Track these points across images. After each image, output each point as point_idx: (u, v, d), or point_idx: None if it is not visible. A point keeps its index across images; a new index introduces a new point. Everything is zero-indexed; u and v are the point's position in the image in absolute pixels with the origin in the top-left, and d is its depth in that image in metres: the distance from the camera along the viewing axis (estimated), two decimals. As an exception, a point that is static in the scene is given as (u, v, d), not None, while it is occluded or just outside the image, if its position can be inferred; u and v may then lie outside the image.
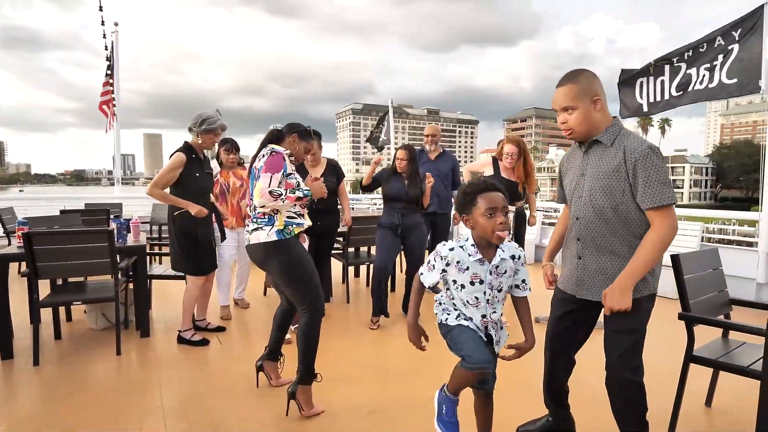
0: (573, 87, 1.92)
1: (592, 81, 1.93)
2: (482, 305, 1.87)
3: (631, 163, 1.84)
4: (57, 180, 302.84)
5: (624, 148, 1.87)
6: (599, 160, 1.94)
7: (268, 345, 2.93)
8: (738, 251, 5.38)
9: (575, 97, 1.91)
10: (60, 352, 3.53)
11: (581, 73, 1.94)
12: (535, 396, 2.52)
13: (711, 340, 2.56)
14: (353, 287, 5.68)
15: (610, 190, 1.90)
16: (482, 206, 1.79)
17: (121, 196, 9.28)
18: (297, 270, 2.62)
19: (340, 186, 4.48)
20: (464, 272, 1.84)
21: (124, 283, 3.98)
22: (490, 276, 1.84)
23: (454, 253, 1.84)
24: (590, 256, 2.00)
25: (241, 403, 2.73)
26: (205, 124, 3.56)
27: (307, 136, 2.90)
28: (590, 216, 1.97)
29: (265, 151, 2.68)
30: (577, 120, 1.93)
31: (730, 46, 4.90)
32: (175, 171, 3.51)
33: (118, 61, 8.80)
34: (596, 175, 1.94)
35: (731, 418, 2.59)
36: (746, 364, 2.20)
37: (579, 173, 2.04)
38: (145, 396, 2.82)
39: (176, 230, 3.60)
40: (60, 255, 3.27)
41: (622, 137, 1.91)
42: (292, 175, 2.70)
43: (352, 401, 2.77)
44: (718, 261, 2.65)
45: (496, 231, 1.77)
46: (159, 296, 5.01)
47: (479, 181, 1.84)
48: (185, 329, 3.70)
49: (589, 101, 1.91)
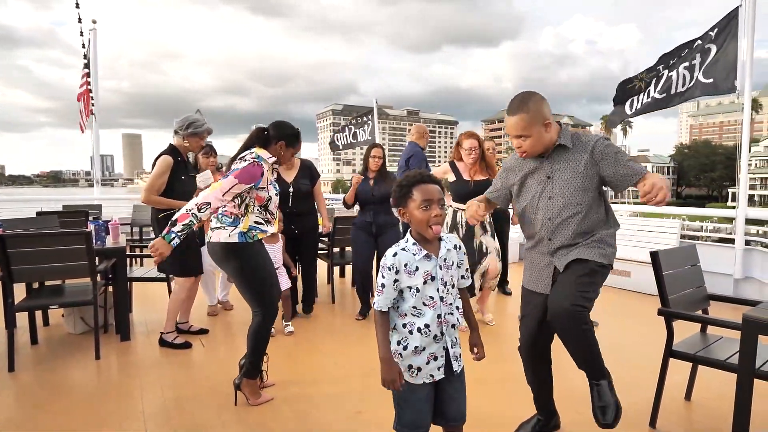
0: (524, 117, 2.01)
1: (541, 106, 2.02)
2: (437, 304, 1.76)
3: (598, 156, 1.99)
4: (32, 181, 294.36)
5: (585, 146, 2.03)
6: (567, 162, 2.06)
7: (243, 359, 2.78)
8: (715, 248, 5.50)
9: (527, 127, 2.01)
10: (37, 357, 3.45)
11: (530, 99, 2.02)
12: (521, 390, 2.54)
13: (690, 335, 2.60)
14: (338, 287, 5.66)
15: (585, 187, 2.03)
16: (417, 198, 1.73)
17: (101, 197, 9.11)
18: (253, 274, 2.66)
19: (316, 187, 4.41)
20: (414, 274, 1.74)
21: (103, 286, 3.91)
22: (441, 271, 1.77)
23: (399, 258, 1.74)
24: (564, 250, 2.08)
25: (224, 407, 2.69)
26: (191, 127, 3.55)
27: (295, 141, 2.86)
28: (566, 214, 2.05)
29: (249, 156, 2.63)
30: (530, 145, 2.05)
31: (706, 46, 5.01)
32: (165, 175, 3.50)
33: (96, 60, 8.63)
34: (570, 177, 2.05)
35: (710, 411, 2.64)
36: (723, 358, 2.24)
37: (543, 176, 2.10)
38: (126, 401, 2.77)
39: (161, 232, 3.55)
40: (36, 258, 3.19)
41: (576, 137, 2.07)
42: (265, 190, 2.68)
43: (338, 401, 2.76)
44: (696, 257, 2.70)
45: (431, 224, 1.72)
46: (140, 299, 4.92)
47: (415, 173, 1.79)
48: (168, 331, 3.66)
49: (540, 126, 2.01)
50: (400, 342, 1.76)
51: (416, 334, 1.74)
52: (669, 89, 5.34)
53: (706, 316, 2.58)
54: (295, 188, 4.23)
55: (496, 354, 3.53)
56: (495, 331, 4.05)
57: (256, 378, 2.75)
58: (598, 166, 2.00)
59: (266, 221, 2.72)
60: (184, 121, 3.57)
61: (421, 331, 1.74)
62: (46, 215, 5.33)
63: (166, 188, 3.52)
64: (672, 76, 5.30)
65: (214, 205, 2.49)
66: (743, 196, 5.14)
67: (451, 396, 1.80)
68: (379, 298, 1.76)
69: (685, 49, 5.23)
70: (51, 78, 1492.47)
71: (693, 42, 5.17)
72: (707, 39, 5.02)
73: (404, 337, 1.76)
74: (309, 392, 2.88)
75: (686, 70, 5.19)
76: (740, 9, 4.86)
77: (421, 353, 1.75)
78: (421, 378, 1.75)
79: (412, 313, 1.76)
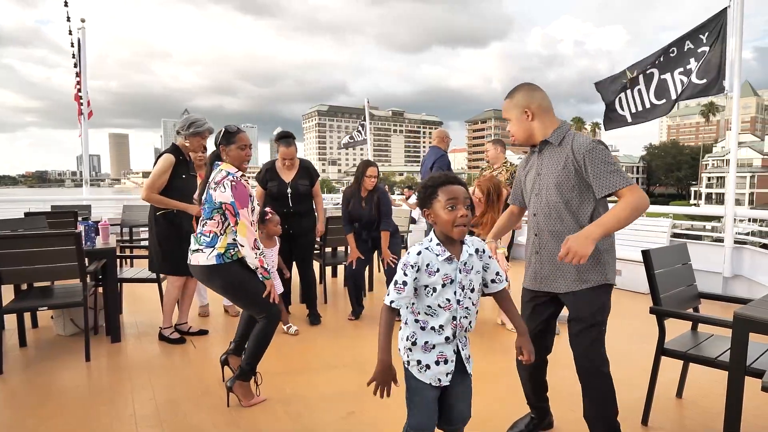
0: (507, 102, 2.19)
1: (526, 95, 2.14)
2: (453, 306, 1.74)
3: (580, 159, 2.00)
4: (17, 182, 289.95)
5: (571, 146, 2.04)
6: (550, 158, 2.11)
7: (233, 340, 2.92)
8: (705, 246, 5.55)
9: (507, 110, 2.19)
10: (26, 359, 3.40)
11: (520, 88, 2.17)
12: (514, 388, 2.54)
13: (681, 332, 2.62)
14: (331, 287, 5.65)
15: (560, 185, 2.05)
16: (443, 199, 1.70)
17: (90, 197, 9.01)
18: (238, 290, 2.69)
19: (315, 188, 4.38)
20: (435, 275, 1.71)
21: (93, 287, 3.87)
22: (460, 274, 1.74)
23: (423, 257, 1.71)
24: (545, 249, 2.13)
25: (216, 409, 2.67)
26: (192, 127, 3.57)
27: (229, 137, 2.69)
28: (545, 211, 2.11)
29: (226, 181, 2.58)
30: (513, 128, 2.19)
31: (700, 49, 5.05)
32: (167, 173, 3.51)
33: (85, 59, 8.54)
34: (549, 173, 2.10)
35: (701, 408, 2.66)
36: (714, 355, 2.26)
37: (536, 173, 2.18)
38: (116, 403, 2.74)
39: (158, 230, 3.61)
40: (24, 259, 3.15)
41: (569, 137, 2.08)
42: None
43: (332, 402, 2.75)
44: (687, 256, 2.72)
45: (457, 224, 1.69)
46: (131, 300, 4.88)
47: (440, 174, 1.78)
48: (166, 327, 3.72)
49: (520, 113, 2.14)
50: (410, 337, 1.75)
51: (429, 331, 1.74)
52: (668, 95, 5.34)
53: (698, 314, 2.59)
54: (294, 189, 4.20)
55: (489, 350, 3.54)
56: (487, 328, 4.06)
57: (250, 380, 2.74)
58: (580, 169, 2.00)
59: None
60: (186, 121, 3.60)
61: (435, 330, 1.73)
62: (34, 216, 5.27)
63: (165, 186, 3.53)
64: (666, 79, 5.32)
65: (254, 235, 2.62)
66: (731, 195, 5.18)
67: (459, 398, 1.79)
68: (396, 295, 1.70)
69: (673, 48, 5.25)
70: (36, 77, 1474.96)
71: (682, 43, 5.19)
72: (700, 42, 5.05)
73: (414, 332, 1.75)
74: (302, 393, 2.86)
75: (683, 75, 5.21)
76: (728, 10, 4.91)
77: (431, 351, 1.73)
78: (428, 377, 1.73)
79: (426, 312, 1.74)
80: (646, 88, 5.47)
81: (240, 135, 2.70)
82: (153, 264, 3.74)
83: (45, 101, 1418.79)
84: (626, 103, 5.66)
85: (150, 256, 3.77)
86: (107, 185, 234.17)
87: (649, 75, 5.43)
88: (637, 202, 1.89)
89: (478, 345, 3.63)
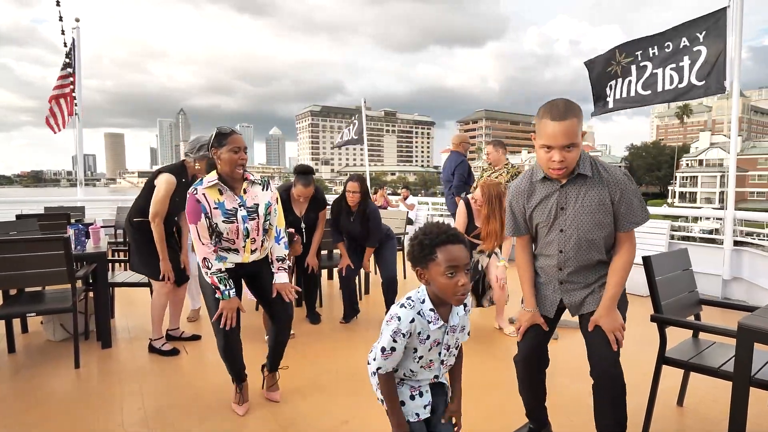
0: (575, 122, 1.76)
1: (580, 112, 1.82)
2: (435, 365, 1.66)
3: (616, 195, 1.88)
4: (13, 182, 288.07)
5: (606, 182, 1.88)
6: (583, 194, 1.90)
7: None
8: (704, 248, 5.50)
9: (578, 134, 1.78)
10: (14, 366, 3.34)
11: (574, 104, 1.80)
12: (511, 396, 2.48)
13: (682, 339, 2.57)
14: (326, 290, 5.58)
15: (600, 223, 1.92)
16: (442, 263, 1.50)
17: (85, 198, 8.95)
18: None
19: (321, 213, 4.28)
20: (425, 342, 1.59)
21: (84, 292, 3.80)
22: (447, 336, 1.63)
23: (415, 324, 1.56)
24: (575, 279, 2.04)
25: (206, 417, 2.61)
26: (203, 150, 3.39)
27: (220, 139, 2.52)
28: (578, 247, 1.97)
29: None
30: (574, 158, 1.82)
31: (695, 48, 5.00)
32: (168, 197, 3.37)
33: (79, 58, 8.46)
34: (584, 211, 1.91)
35: (702, 417, 2.61)
36: (717, 364, 2.20)
37: (555, 206, 1.96)
38: (105, 411, 2.67)
39: (137, 234, 3.50)
40: (12, 264, 3.08)
41: (596, 167, 1.91)
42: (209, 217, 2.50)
43: (325, 410, 2.68)
44: (688, 261, 2.67)
45: (458, 293, 1.51)
46: (123, 304, 4.82)
47: (438, 229, 1.55)
48: (156, 338, 3.58)
49: (581, 136, 1.83)
50: None
51: (404, 387, 1.67)
52: (654, 87, 5.32)
53: (701, 323, 2.54)
54: (306, 222, 4.18)
55: (486, 359, 3.48)
56: (485, 333, 4.01)
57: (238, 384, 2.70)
58: (613, 204, 1.89)
59: (227, 250, 2.59)
60: (195, 143, 3.43)
61: (412, 387, 1.67)
62: (26, 218, 5.20)
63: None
64: (657, 73, 5.29)
65: (204, 254, 2.47)
66: (731, 196, 5.14)
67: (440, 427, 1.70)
68: (384, 362, 1.58)
69: (668, 42, 5.20)
70: (32, 76, 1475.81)
71: (679, 38, 5.13)
72: (696, 41, 5.01)
73: None
74: (294, 401, 2.80)
75: (674, 71, 5.17)
76: (728, 9, 4.86)
77: (404, 385, 1.68)
78: (405, 414, 1.65)
79: (406, 374, 1.66)
80: (636, 79, 5.45)
81: (233, 137, 2.52)
82: (133, 265, 3.65)
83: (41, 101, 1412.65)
84: (613, 91, 5.65)
85: (130, 257, 3.69)
86: (103, 185, 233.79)
87: (642, 68, 5.40)
88: (633, 255, 1.97)
89: (475, 352, 3.57)
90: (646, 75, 5.37)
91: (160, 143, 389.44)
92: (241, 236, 2.56)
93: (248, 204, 2.58)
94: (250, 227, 2.58)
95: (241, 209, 2.55)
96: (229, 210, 2.51)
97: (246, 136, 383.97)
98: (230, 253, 2.60)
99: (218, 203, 2.49)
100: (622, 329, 1.94)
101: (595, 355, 1.97)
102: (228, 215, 2.51)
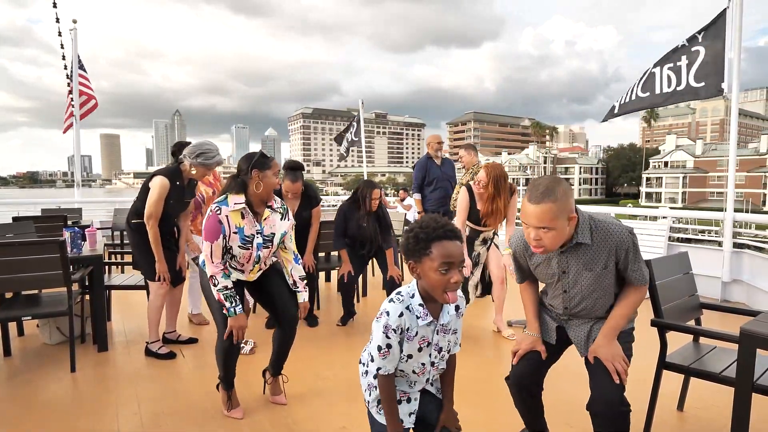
0: (552, 207, 1.71)
1: (568, 195, 1.75)
2: (427, 369, 1.61)
3: (621, 255, 1.85)
4: (8, 182, 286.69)
5: (609, 246, 1.83)
6: (583, 261, 1.87)
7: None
8: (703, 250, 5.49)
9: (553, 219, 1.72)
10: (9, 370, 3.31)
11: (557, 186, 1.74)
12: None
13: (683, 343, 2.55)
14: (324, 292, 5.56)
15: (603, 285, 1.91)
16: (436, 258, 1.46)
17: (82, 200, 8.90)
18: (206, 296, 2.62)
19: (314, 210, 4.25)
20: (413, 339, 1.55)
21: (80, 295, 3.77)
22: (437, 336, 1.58)
23: (404, 319, 1.53)
24: (581, 324, 2.04)
25: (203, 423, 2.58)
26: (201, 157, 3.41)
27: (265, 162, 2.53)
28: (582, 303, 1.97)
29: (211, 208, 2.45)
30: (552, 240, 1.77)
31: (693, 48, 5.01)
32: (162, 200, 3.36)
33: (76, 59, 8.43)
34: (587, 276, 1.89)
35: (703, 422, 2.59)
36: (718, 370, 2.19)
37: (557, 269, 1.94)
38: (101, 416, 2.64)
39: (135, 235, 3.48)
40: (7, 268, 3.05)
41: (596, 231, 1.84)
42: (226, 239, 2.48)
43: (322, 416, 2.66)
44: (689, 265, 2.65)
45: (449, 290, 1.48)
46: (120, 307, 4.78)
47: (436, 223, 1.50)
48: (152, 341, 3.56)
49: (565, 220, 1.75)
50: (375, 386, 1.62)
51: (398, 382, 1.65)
52: (653, 89, 5.34)
53: (703, 328, 2.51)
54: (298, 220, 4.13)
55: (485, 360, 3.46)
56: (483, 335, 3.99)
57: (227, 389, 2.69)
58: (618, 263, 1.88)
59: (233, 268, 2.60)
60: (196, 148, 3.43)
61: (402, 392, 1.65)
62: (22, 220, 5.16)
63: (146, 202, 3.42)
64: (655, 73, 5.30)
65: (214, 271, 2.44)
66: (731, 198, 5.13)
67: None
68: (383, 362, 1.54)
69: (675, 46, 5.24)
70: (27, 77, 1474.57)
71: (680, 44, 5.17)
72: (695, 41, 5.01)
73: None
74: (291, 406, 2.77)
75: (671, 71, 5.18)
76: (727, 10, 4.86)
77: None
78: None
79: (398, 375, 1.62)
80: (638, 81, 5.49)
81: (274, 161, 2.57)
82: (135, 265, 3.65)
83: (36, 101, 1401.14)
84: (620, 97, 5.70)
85: (134, 258, 3.69)
86: (98, 186, 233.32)
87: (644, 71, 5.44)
88: (641, 299, 1.96)
89: (472, 354, 3.56)
90: (646, 76, 5.39)
91: (156, 144, 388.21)
92: (252, 261, 2.59)
93: (265, 232, 2.58)
94: (263, 255, 2.60)
95: (258, 236, 2.55)
96: (247, 236, 2.51)
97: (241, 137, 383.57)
98: (236, 272, 2.62)
99: (239, 228, 2.48)
100: (623, 360, 1.85)
101: (598, 388, 1.84)
102: (245, 241, 2.51)
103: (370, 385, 1.64)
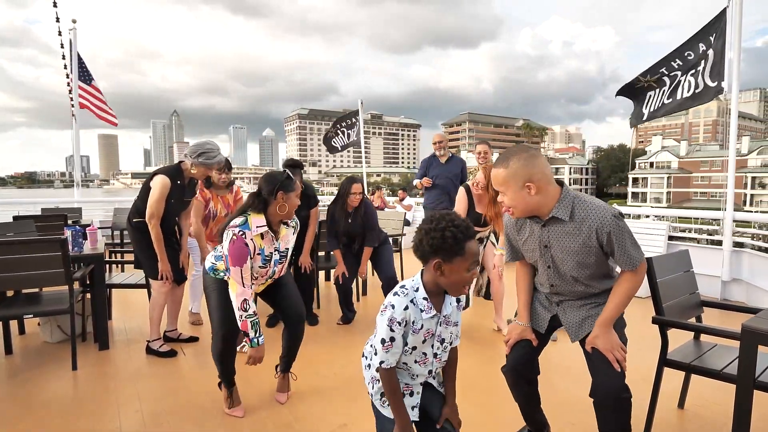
0: (501, 172, 1.86)
1: (525, 165, 1.82)
2: (429, 360, 1.64)
3: (604, 238, 1.83)
4: (6, 182, 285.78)
5: (588, 225, 1.83)
6: (562, 236, 1.90)
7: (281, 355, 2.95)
8: (703, 249, 5.49)
9: (504, 182, 1.87)
10: (10, 368, 3.31)
11: (514, 156, 1.85)
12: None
13: (684, 341, 2.56)
14: (324, 291, 5.56)
15: (583, 264, 1.91)
16: (469, 257, 1.50)
17: (82, 200, 8.89)
18: (208, 298, 2.63)
19: (312, 211, 4.25)
20: (418, 332, 1.57)
21: (81, 294, 3.77)
22: (440, 327, 1.62)
23: (409, 312, 1.55)
24: (571, 308, 2.05)
25: (204, 420, 2.59)
26: (202, 156, 3.40)
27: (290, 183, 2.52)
28: (566, 282, 2.00)
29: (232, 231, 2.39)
30: (510, 201, 1.89)
31: (709, 51, 5.02)
32: (164, 199, 3.37)
33: (75, 59, 8.42)
34: (565, 251, 1.91)
35: (704, 420, 2.60)
36: (719, 367, 2.19)
37: (540, 243, 1.98)
38: (102, 415, 2.65)
39: (137, 234, 3.49)
40: (9, 266, 3.05)
41: (578, 209, 1.86)
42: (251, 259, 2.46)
43: (323, 414, 2.66)
44: (689, 263, 2.66)
45: (467, 284, 1.56)
46: (121, 306, 4.79)
47: (464, 223, 1.53)
48: (153, 339, 3.56)
49: (520, 186, 1.83)
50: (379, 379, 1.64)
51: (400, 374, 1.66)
52: (675, 94, 5.36)
53: (704, 325, 2.52)
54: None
55: (485, 359, 3.47)
56: (483, 334, 3.99)
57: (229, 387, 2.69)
58: (602, 243, 1.86)
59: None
60: (198, 147, 3.43)
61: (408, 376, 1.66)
62: (23, 219, 5.16)
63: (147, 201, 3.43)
64: (681, 80, 5.31)
65: (245, 296, 2.41)
66: (731, 198, 5.14)
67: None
68: (386, 355, 1.55)
69: (689, 51, 5.21)
70: (26, 77, 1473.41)
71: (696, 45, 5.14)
72: (708, 44, 5.02)
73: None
74: (292, 404, 2.78)
75: (692, 77, 5.21)
76: (727, 9, 4.88)
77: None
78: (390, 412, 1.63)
79: (400, 367, 1.64)
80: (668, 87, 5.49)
81: (296, 182, 2.58)
82: (137, 264, 3.67)
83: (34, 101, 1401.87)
84: (648, 102, 5.72)
85: (135, 257, 3.70)
86: (96, 186, 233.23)
87: (673, 77, 5.42)
88: (637, 287, 1.91)
89: (473, 353, 3.56)
90: (674, 84, 5.41)
91: (154, 144, 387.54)
92: (266, 276, 2.61)
93: (281, 248, 2.61)
94: (278, 270, 2.64)
95: (275, 254, 2.58)
96: (266, 256, 2.52)
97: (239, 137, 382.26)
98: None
99: (261, 249, 2.49)
100: (621, 349, 1.88)
101: (599, 376, 1.88)
102: (265, 261, 2.53)
103: (373, 378, 1.66)
